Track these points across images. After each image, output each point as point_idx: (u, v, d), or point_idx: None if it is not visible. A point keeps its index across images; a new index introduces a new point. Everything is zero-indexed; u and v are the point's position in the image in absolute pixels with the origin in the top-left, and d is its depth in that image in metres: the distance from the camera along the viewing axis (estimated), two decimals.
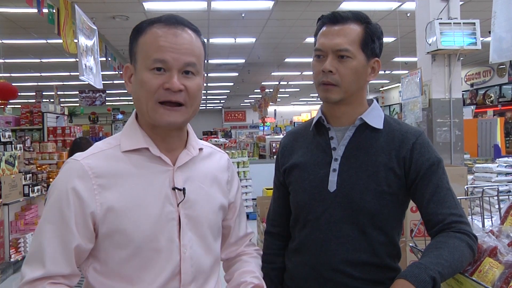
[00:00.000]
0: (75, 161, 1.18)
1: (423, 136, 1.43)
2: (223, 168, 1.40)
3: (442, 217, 1.33)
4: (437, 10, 4.88)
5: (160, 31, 1.18)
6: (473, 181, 3.71)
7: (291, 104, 28.19)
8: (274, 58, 13.15)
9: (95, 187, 1.15)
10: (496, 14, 3.77)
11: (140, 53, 1.19)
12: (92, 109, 19.38)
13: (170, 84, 1.15)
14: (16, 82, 13.41)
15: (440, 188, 1.36)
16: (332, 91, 1.41)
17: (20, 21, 8.65)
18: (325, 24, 1.43)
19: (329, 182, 1.41)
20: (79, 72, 6.04)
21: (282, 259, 1.57)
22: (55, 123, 9.42)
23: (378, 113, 1.47)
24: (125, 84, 1.26)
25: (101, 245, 1.18)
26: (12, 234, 5.87)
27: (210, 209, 1.30)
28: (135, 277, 1.18)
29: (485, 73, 14.17)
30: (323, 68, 1.39)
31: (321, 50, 1.41)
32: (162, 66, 1.16)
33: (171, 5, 7.86)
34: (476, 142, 6.89)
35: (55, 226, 1.14)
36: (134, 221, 1.16)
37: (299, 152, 1.52)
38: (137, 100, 1.21)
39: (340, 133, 1.46)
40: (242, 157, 8.68)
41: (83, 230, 1.14)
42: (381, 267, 1.41)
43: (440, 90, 4.98)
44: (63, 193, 1.14)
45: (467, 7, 7.58)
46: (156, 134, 1.24)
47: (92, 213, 1.14)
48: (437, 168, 1.39)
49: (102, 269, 1.19)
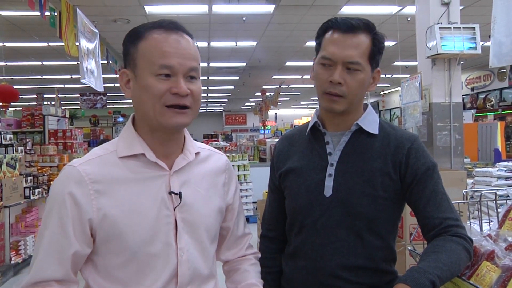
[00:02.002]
0: (72, 167, 1.19)
1: (418, 141, 1.44)
2: (220, 170, 1.41)
3: (438, 221, 1.34)
4: (437, 15, 4.90)
5: (161, 36, 1.20)
6: (473, 185, 3.72)
7: (292, 108, 28.21)
8: (275, 62, 13.18)
9: (91, 192, 1.16)
10: (496, 19, 3.78)
11: (141, 58, 1.21)
12: (93, 112, 19.38)
13: (178, 89, 1.18)
14: (18, 85, 13.44)
15: (436, 193, 1.38)
16: (338, 102, 1.40)
17: (22, 24, 8.68)
18: (335, 31, 1.39)
19: (325, 187, 1.42)
20: (80, 75, 6.05)
21: (278, 263, 1.59)
22: (56, 126, 9.44)
23: (373, 118, 1.48)
24: (121, 89, 1.27)
25: (98, 250, 1.20)
26: (12, 236, 5.88)
27: (206, 213, 1.32)
28: (134, 281, 1.19)
29: (485, 77, 14.18)
30: (332, 79, 1.37)
31: (330, 60, 1.38)
32: (168, 72, 1.18)
33: (173, 9, 7.86)
34: (476, 146, 6.89)
35: (53, 231, 1.16)
36: (130, 226, 1.17)
37: (295, 157, 1.52)
38: (141, 104, 1.22)
39: (335, 138, 1.46)
40: (243, 160, 8.69)
41: (81, 235, 1.16)
42: (377, 271, 1.42)
43: (440, 94, 4.99)
44: (60, 199, 1.16)
45: (467, 12, 7.59)
46: (156, 138, 1.25)
47: (89, 219, 1.16)
48: (433, 172, 1.40)
49: (101, 273, 1.21)
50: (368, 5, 7.94)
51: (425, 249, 1.32)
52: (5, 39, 9.72)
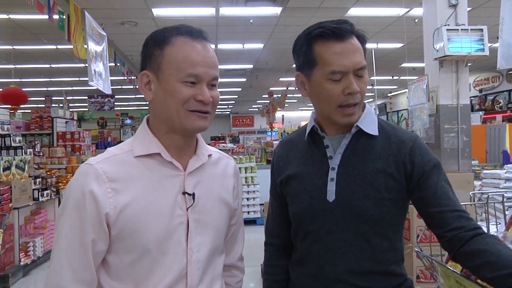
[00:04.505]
0: (89, 165, 1.21)
1: (419, 139, 1.42)
2: (230, 174, 1.43)
3: (457, 214, 1.29)
4: (444, 16, 4.89)
5: (188, 45, 1.23)
6: (481, 187, 3.70)
7: (299, 110, 28.20)
8: (282, 64, 13.19)
9: (109, 190, 1.18)
10: (504, 20, 3.76)
11: (168, 63, 1.22)
12: (101, 114, 19.47)
13: (203, 97, 1.22)
14: (26, 87, 13.57)
15: (447, 188, 1.35)
16: (355, 114, 1.38)
17: (31, 28, 8.77)
18: (329, 40, 1.35)
19: (327, 192, 1.39)
20: (88, 78, 6.10)
21: (284, 270, 1.56)
22: (64, 128, 9.51)
23: (372, 118, 1.44)
24: (141, 91, 1.28)
25: (112, 247, 1.21)
26: (21, 238, 5.93)
27: (218, 214, 1.34)
28: (143, 279, 1.21)
29: (494, 78, 14.11)
30: (351, 90, 1.33)
31: (342, 72, 1.33)
32: (194, 80, 1.22)
33: (180, 11, 7.90)
34: (484, 148, 6.85)
35: (73, 233, 1.17)
36: (145, 223, 1.19)
37: (295, 162, 1.49)
38: (164, 107, 1.24)
39: (335, 142, 1.43)
40: (250, 162, 8.70)
41: (100, 231, 1.18)
42: (385, 274, 1.40)
43: (448, 96, 4.97)
44: (79, 197, 1.17)
45: (475, 13, 7.56)
46: (172, 140, 1.27)
47: (106, 214, 1.17)
48: (439, 169, 1.38)
49: (112, 270, 1.22)
50: (376, 7, 7.93)
51: (487, 246, 1.22)
52: (14, 42, 9.82)
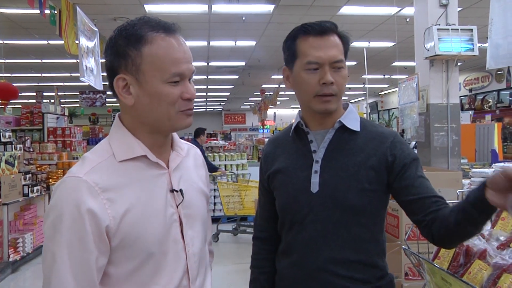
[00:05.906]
0: (77, 178, 1.12)
1: (399, 135, 1.52)
2: (201, 163, 1.44)
3: (435, 199, 1.38)
4: (435, 16, 4.94)
5: (166, 41, 1.18)
6: (469, 186, 3.74)
7: (291, 107, 28.23)
8: (274, 61, 13.18)
9: (104, 201, 1.12)
10: (493, 21, 3.81)
11: (149, 64, 1.17)
12: (93, 110, 19.42)
13: (190, 94, 1.20)
14: (17, 83, 13.43)
15: (425, 179, 1.44)
16: (332, 102, 1.46)
17: (22, 22, 8.69)
18: (309, 36, 1.47)
19: (311, 184, 1.47)
20: (79, 74, 6.07)
21: (271, 263, 1.63)
22: (55, 124, 9.46)
23: (355, 116, 1.54)
24: (119, 96, 1.20)
25: (111, 258, 1.15)
26: (11, 234, 5.91)
27: (202, 205, 1.36)
28: (149, 283, 1.18)
29: (483, 78, 14.22)
30: (325, 80, 1.43)
31: (317, 63, 1.44)
32: (179, 78, 1.19)
33: (172, 8, 7.87)
34: (474, 147, 6.91)
35: (74, 255, 1.09)
36: (145, 227, 1.17)
37: (281, 157, 1.58)
38: (151, 111, 1.19)
39: (319, 136, 1.52)
40: (241, 160, 8.72)
41: (100, 246, 1.11)
42: (366, 265, 1.46)
43: (438, 95, 5.03)
44: (75, 215, 1.09)
45: (465, 13, 7.63)
46: (155, 140, 1.24)
47: (107, 226, 1.12)
48: (418, 162, 1.47)
49: (112, 282, 1.17)
50: (367, 5, 7.96)
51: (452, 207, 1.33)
52: (4, 37, 9.72)
